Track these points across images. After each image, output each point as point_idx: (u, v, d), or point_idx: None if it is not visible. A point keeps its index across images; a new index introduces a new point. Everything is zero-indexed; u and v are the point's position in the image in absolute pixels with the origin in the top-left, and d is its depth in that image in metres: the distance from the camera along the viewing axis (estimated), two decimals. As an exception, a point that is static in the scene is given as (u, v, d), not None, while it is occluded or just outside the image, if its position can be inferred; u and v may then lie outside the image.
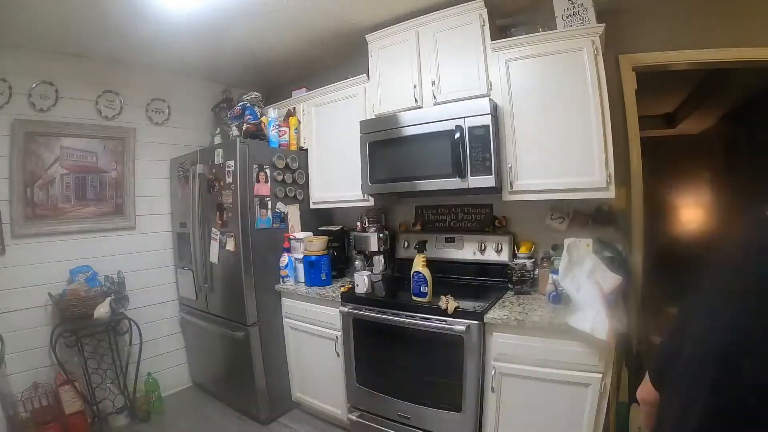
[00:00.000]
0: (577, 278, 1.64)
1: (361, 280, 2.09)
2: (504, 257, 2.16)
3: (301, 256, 2.43)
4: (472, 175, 1.90)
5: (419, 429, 1.87)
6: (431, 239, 2.42)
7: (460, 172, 1.91)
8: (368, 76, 2.38)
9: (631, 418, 1.85)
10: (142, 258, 2.77)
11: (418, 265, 1.89)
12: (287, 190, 2.55)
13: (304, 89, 2.82)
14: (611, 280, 1.64)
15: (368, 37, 2.34)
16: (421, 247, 1.92)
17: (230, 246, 2.34)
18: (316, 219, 2.77)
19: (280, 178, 2.51)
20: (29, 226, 2.30)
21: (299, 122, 2.73)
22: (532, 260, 2.03)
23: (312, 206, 2.71)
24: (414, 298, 1.91)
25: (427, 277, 1.87)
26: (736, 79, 2.75)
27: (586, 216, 2.02)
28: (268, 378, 2.41)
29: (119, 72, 2.66)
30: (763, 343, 0.58)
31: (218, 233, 2.42)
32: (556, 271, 1.74)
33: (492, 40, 1.95)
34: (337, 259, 2.62)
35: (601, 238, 1.95)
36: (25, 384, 2.19)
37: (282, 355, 2.50)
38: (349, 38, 2.51)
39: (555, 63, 1.80)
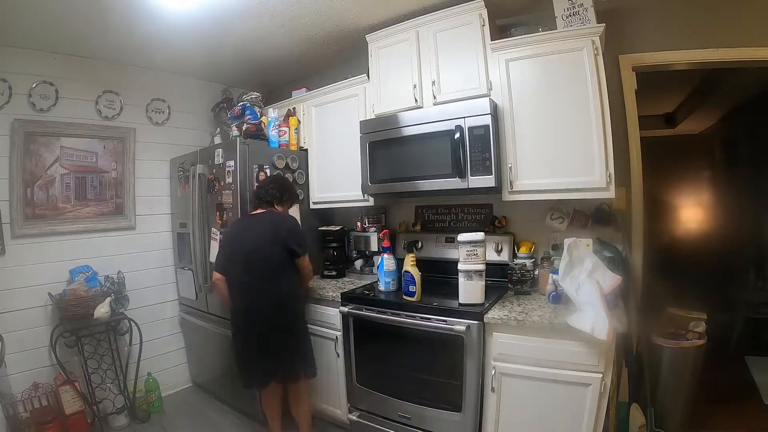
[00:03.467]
0: (577, 278, 1.64)
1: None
2: (504, 257, 2.16)
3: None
4: (472, 175, 1.90)
5: (419, 429, 1.87)
6: (431, 239, 2.42)
7: (460, 172, 1.91)
8: (368, 76, 2.38)
9: (631, 418, 1.85)
10: (142, 258, 2.77)
11: (407, 265, 1.90)
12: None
13: (304, 89, 2.82)
14: (611, 280, 1.64)
15: (368, 37, 2.34)
16: (410, 247, 1.92)
17: (230, 246, 2.34)
18: (316, 219, 2.77)
19: (280, 178, 2.50)
20: (29, 226, 2.30)
21: (299, 122, 2.73)
22: (532, 260, 2.03)
23: (312, 206, 2.71)
24: (403, 297, 1.91)
25: (416, 277, 1.87)
26: (736, 79, 2.75)
27: (586, 216, 2.02)
28: (268, 378, 2.41)
29: (119, 72, 2.66)
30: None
31: (218, 233, 2.42)
32: (556, 271, 1.74)
33: (492, 40, 1.96)
34: (337, 259, 2.62)
35: (601, 238, 1.95)
36: (25, 384, 2.19)
37: (282, 355, 2.49)
38: (349, 38, 2.51)
39: (555, 63, 1.80)
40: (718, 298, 2.93)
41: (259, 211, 2.07)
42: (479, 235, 1.75)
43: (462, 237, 1.78)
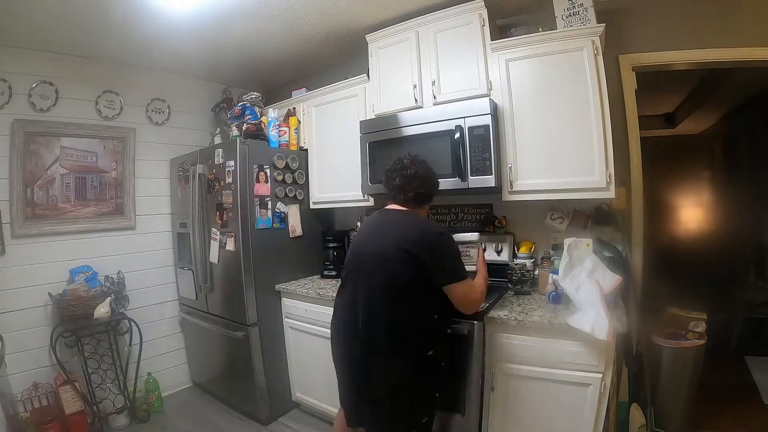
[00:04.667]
0: (577, 278, 1.64)
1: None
2: (504, 257, 2.16)
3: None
4: (472, 175, 1.90)
5: (419, 429, 1.87)
6: (431, 239, 2.41)
7: (460, 172, 1.91)
8: (368, 76, 2.38)
9: (631, 418, 1.85)
10: (142, 258, 2.77)
11: None
12: (287, 190, 2.55)
13: (304, 89, 2.82)
14: (611, 279, 1.64)
15: (368, 37, 2.34)
16: None
17: (230, 246, 2.34)
18: (316, 219, 2.77)
19: (280, 178, 2.51)
20: (29, 226, 2.30)
21: (299, 122, 2.73)
22: (532, 260, 2.03)
23: (312, 206, 2.71)
24: None
25: None
26: (736, 79, 2.75)
27: (586, 216, 2.02)
28: (268, 378, 2.41)
29: (119, 72, 2.66)
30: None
31: (218, 233, 2.42)
32: (556, 271, 1.74)
33: (492, 40, 1.95)
34: (337, 259, 2.62)
35: (601, 238, 1.95)
36: (25, 384, 2.19)
37: (282, 355, 2.50)
38: (349, 38, 2.51)
39: (555, 63, 1.80)
40: (718, 298, 2.93)
41: (397, 207, 1.55)
42: (473, 236, 1.73)
43: (455, 237, 1.76)
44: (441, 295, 1.43)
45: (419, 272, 1.37)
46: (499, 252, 2.18)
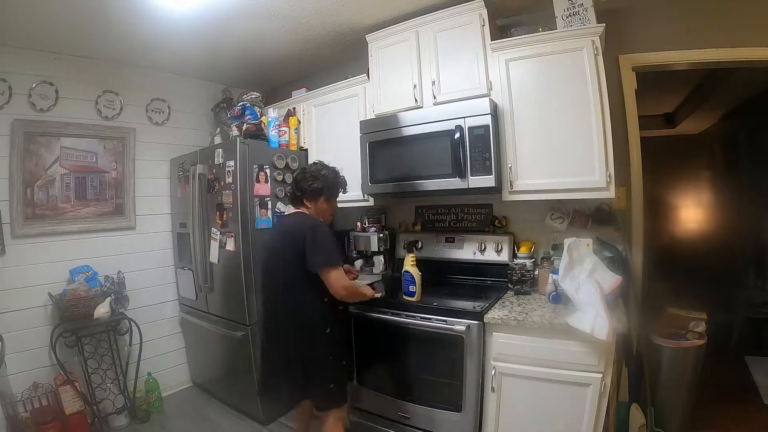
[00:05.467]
0: (577, 278, 1.64)
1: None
2: (504, 257, 2.16)
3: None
4: (472, 175, 1.90)
5: (419, 429, 1.87)
6: (431, 239, 2.42)
7: (460, 172, 1.91)
8: (368, 76, 2.38)
9: (631, 418, 1.85)
10: (142, 258, 2.77)
11: (407, 265, 1.90)
12: (287, 190, 2.55)
13: (304, 89, 2.83)
14: (611, 280, 1.64)
15: (368, 37, 2.34)
16: (410, 247, 1.89)
17: (230, 246, 2.34)
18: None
19: (280, 178, 2.50)
20: (29, 226, 2.30)
21: (299, 122, 2.73)
22: (532, 260, 2.03)
23: (312, 206, 2.70)
24: (404, 297, 1.91)
25: (416, 277, 1.87)
26: (736, 79, 2.75)
27: (586, 216, 2.02)
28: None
29: (119, 72, 2.66)
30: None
31: (218, 233, 2.42)
32: (556, 271, 1.74)
33: (492, 40, 1.96)
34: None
35: (601, 238, 1.95)
36: (25, 384, 2.19)
37: (282, 355, 2.49)
38: (349, 38, 2.51)
39: (555, 63, 1.80)
40: (718, 298, 2.92)
41: (291, 211, 1.86)
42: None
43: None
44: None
45: (301, 267, 1.60)
46: (499, 252, 2.18)
